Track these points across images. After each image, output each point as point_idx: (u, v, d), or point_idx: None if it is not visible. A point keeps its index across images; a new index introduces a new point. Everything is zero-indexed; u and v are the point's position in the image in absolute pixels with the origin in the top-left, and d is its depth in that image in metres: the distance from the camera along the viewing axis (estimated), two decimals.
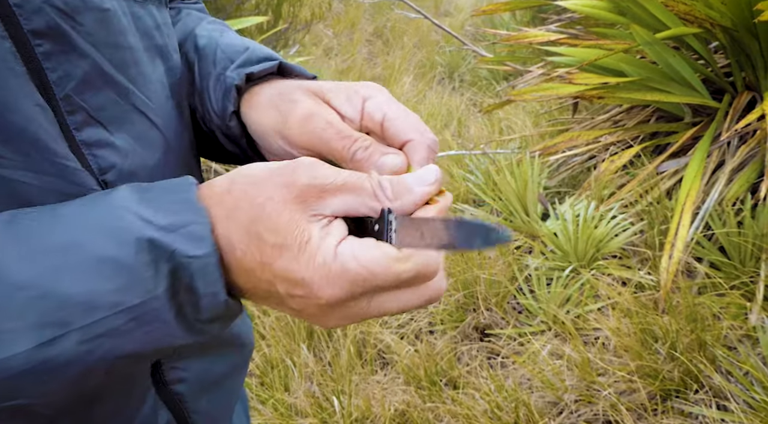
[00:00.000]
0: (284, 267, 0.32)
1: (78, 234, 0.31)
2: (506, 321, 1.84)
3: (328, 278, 0.31)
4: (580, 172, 2.36)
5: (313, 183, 0.32)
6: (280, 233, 0.31)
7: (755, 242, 1.67)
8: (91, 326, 0.30)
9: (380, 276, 0.31)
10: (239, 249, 0.32)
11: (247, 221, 0.32)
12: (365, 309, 0.33)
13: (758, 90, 1.94)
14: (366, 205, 0.33)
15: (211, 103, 0.45)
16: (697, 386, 1.45)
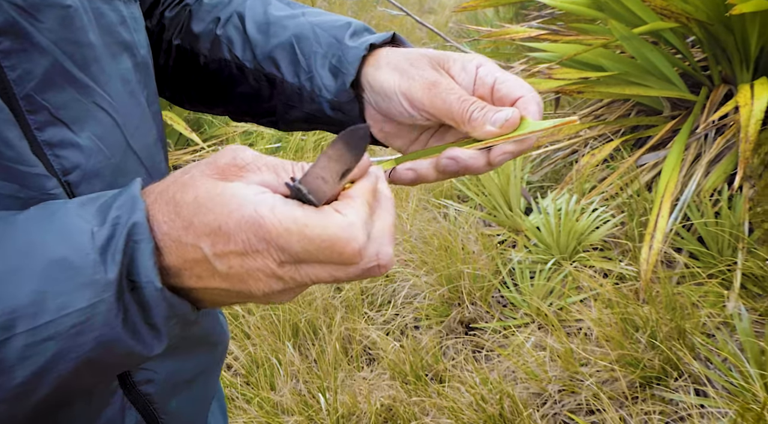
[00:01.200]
0: (202, 220, 0.31)
1: (33, 236, 0.31)
2: (491, 315, 1.86)
3: (244, 222, 0.31)
4: (563, 166, 2.39)
5: (233, 162, 0.33)
6: (197, 189, 0.32)
7: (732, 232, 1.70)
8: (37, 330, 0.30)
9: (294, 233, 0.31)
10: (164, 222, 0.32)
11: (170, 195, 0.33)
12: (286, 273, 0.32)
13: (734, 83, 1.98)
14: (280, 182, 0.33)
15: (321, 78, 0.49)
16: (677, 373, 1.48)
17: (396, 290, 1.99)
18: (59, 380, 0.32)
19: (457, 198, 2.40)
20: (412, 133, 0.50)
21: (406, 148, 0.51)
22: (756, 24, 1.78)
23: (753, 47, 1.85)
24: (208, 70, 0.55)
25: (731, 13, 1.55)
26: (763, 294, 1.59)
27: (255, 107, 0.56)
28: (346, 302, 1.96)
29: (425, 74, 0.45)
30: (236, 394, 1.60)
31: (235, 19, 0.54)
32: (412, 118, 0.47)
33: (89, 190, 0.39)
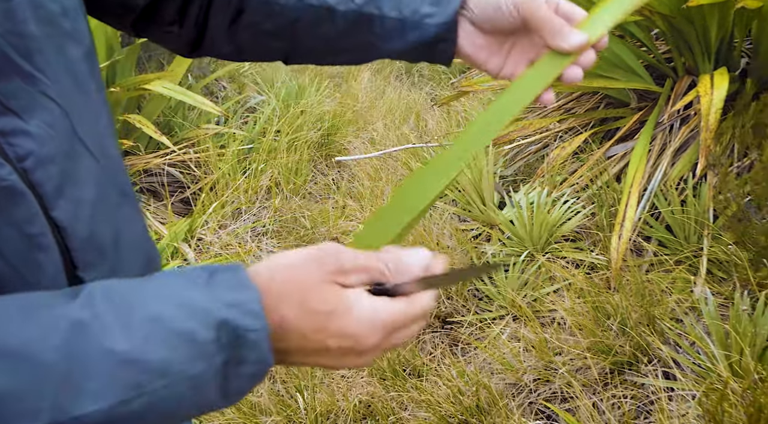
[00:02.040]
0: (337, 327, 0.41)
1: (162, 308, 0.37)
2: (467, 308, 1.87)
3: (370, 328, 0.41)
4: (535, 160, 2.42)
5: (338, 265, 0.42)
6: (329, 303, 0.41)
7: (697, 219, 1.74)
8: (158, 390, 0.35)
9: (400, 320, 0.42)
10: (293, 321, 0.40)
11: (299, 300, 0.40)
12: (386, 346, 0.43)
13: (697, 74, 2.02)
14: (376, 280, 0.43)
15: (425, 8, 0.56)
16: (647, 358, 1.51)
17: None
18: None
19: None
20: (497, 45, 0.58)
21: (489, 60, 0.58)
22: (715, 16, 1.82)
23: (713, 39, 1.90)
24: (283, 18, 0.58)
25: (689, 5, 1.59)
26: (727, 278, 1.63)
27: (334, 46, 0.60)
28: None
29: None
30: None
31: None
32: (512, 23, 0.55)
33: (45, 176, 0.40)
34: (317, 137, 3.04)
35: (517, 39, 0.58)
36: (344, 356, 0.42)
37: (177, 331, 0.36)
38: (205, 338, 0.36)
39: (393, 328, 0.42)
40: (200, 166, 2.59)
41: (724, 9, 1.79)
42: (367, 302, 0.41)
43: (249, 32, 0.59)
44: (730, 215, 1.57)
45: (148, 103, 2.59)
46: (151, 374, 0.35)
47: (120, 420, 0.34)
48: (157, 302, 0.37)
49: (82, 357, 0.34)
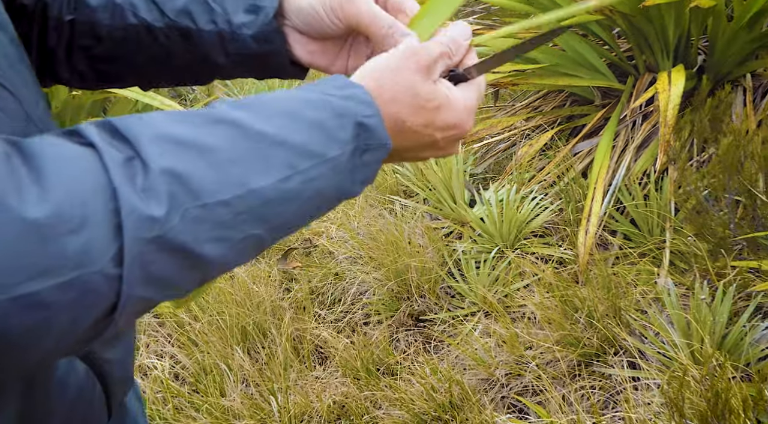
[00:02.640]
0: (443, 119, 0.47)
1: (294, 105, 0.41)
2: (439, 306, 1.89)
3: (467, 115, 0.49)
4: (504, 157, 2.45)
5: (430, 58, 0.47)
6: (435, 99, 0.47)
7: (660, 213, 1.79)
8: (308, 170, 0.40)
9: (480, 96, 0.51)
10: (408, 120, 0.46)
11: (410, 99, 0.45)
12: None
13: (657, 71, 2.08)
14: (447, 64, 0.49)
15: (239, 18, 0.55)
16: (614, 349, 1.55)
17: (346, 288, 2.00)
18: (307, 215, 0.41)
19: (403, 193, 2.43)
20: (334, 48, 0.58)
21: (332, 64, 0.58)
22: (671, 15, 1.88)
23: (671, 37, 1.95)
24: (112, 40, 0.56)
25: (645, 5, 1.63)
26: (688, 269, 1.68)
27: (168, 67, 0.58)
28: (296, 303, 1.96)
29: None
30: (184, 403, 1.58)
31: None
32: (336, 28, 0.55)
33: None
34: None
35: (354, 38, 0.57)
36: (451, 144, 0.49)
37: (308, 120, 0.40)
38: (333, 125, 0.41)
39: (476, 109, 0.50)
40: None
41: (680, 8, 1.85)
42: (458, 93, 0.48)
43: (83, 57, 0.58)
44: (690, 208, 1.61)
45: (113, 107, 2.54)
46: (299, 155, 0.39)
47: (285, 195, 0.39)
48: (282, 102, 0.41)
49: (243, 142, 0.38)
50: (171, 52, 0.57)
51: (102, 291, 0.32)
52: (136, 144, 0.35)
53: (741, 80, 1.95)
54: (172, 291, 0.36)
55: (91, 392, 0.50)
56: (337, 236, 2.16)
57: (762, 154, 1.46)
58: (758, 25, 1.88)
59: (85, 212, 0.32)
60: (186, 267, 0.35)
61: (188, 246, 0.35)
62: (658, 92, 1.64)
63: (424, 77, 0.46)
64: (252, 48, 0.56)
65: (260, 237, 0.39)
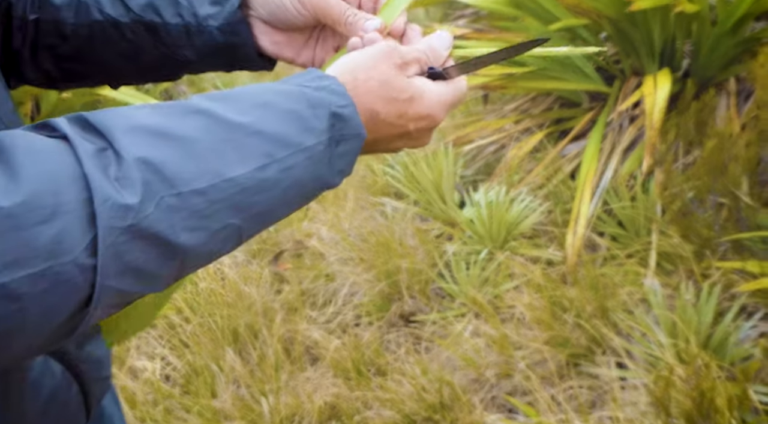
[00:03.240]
0: (415, 110, 0.48)
1: (268, 97, 0.41)
2: (429, 307, 1.90)
3: (440, 107, 0.49)
4: (494, 160, 2.47)
5: (404, 60, 0.49)
6: (407, 91, 0.47)
7: (646, 214, 1.82)
8: (285, 159, 0.40)
9: (456, 98, 0.51)
10: (382, 112, 0.46)
11: (383, 92, 0.46)
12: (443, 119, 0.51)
13: (643, 74, 2.11)
14: (422, 70, 0.51)
15: (205, 10, 0.55)
16: (602, 349, 1.57)
17: (336, 289, 2.00)
18: (286, 206, 0.42)
19: (393, 195, 2.44)
20: (300, 39, 0.58)
21: (298, 56, 0.58)
22: (657, 19, 1.91)
23: (657, 41, 1.98)
24: (78, 38, 0.56)
25: (631, 10, 1.66)
26: (674, 270, 1.71)
27: (136, 63, 0.58)
28: (287, 304, 1.96)
29: None
30: (175, 404, 1.58)
31: None
32: (302, 18, 0.55)
33: None
34: None
35: (321, 29, 0.58)
36: (422, 135, 0.50)
37: (284, 110, 0.41)
38: (308, 115, 0.41)
39: (451, 105, 0.51)
40: None
41: (665, 13, 1.88)
42: (433, 86, 0.49)
43: (48, 57, 0.58)
44: (676, 209, 1.64)
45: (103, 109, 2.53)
46: (276, 144, 0.39)
47: (262, 184, 0.39)
48: (257, 94, 0.41)
49: (218, 132, 0.38)
50: (138, 47, 0.56)
51: (76, 282, 0.32)
52: (108, 135, 0.35)
53: (725, 84, 1.99)
54: (150, 282, 0.36)
55: (66, 393, 0.49)
56: (328, 238, 2.16)
57: (745, 156, 1.49)
58: (741, 29, 1.92)
59: (57, 201, 0.31)
60: (162, 256, 0.35)
61: (164, 235, 0.34)
62: (644, 96, 1.67)
63: (397, 71, 0.47)
64: (218, 40, 0.56)
65: (238, 227, 0.38)
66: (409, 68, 0.49)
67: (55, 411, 0.48)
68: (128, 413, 1.57)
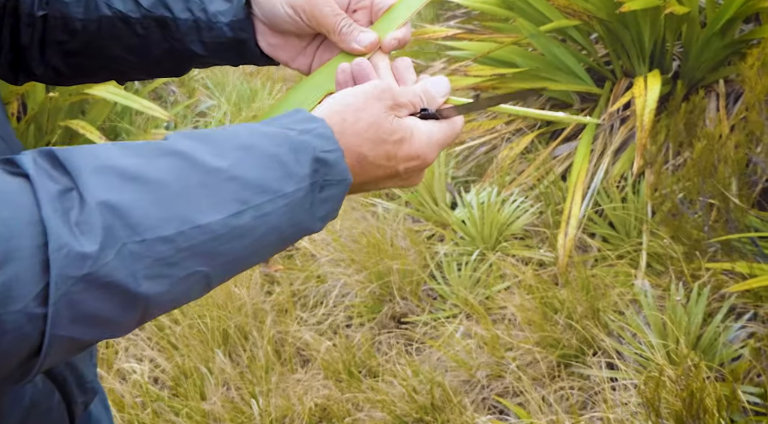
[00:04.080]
0: (405, 152, 0.47)
1: (250, 139, 0.40)
2: (421, 308, 1.90)
3: (430, 147, 0.49)
4: (485, 160, 2.47)
5: (396, 102, 0.48)
6: (396, 132, 0.47)
7: (637, 215, 1.82)
8: (261, 205, 0.38)
9: (448, 138, 0.50)
10: (369, 155, 0.45)
11: (372, 134, 0.45)
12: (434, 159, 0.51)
13: (634, 76, 2.12)
14: (415, 109, 0.50)
15: (215, 6, 0.55)
16: (593, 350, 1.57)
17: (328, 291, 1.99)
18: (261, 252, 0.40)
19: (385, 196, 2.44)
20: (298, 44, 0.57)
21: (293, 60, 0.58)
22: (647, 21, 1.92)
23: (647, 42, 1.99)
24: (87, 33, 0.56)
25: (621, 11, 1.67)
26: (665, 271, 1.71)
27: (144, 57, 0.58)
28: (278, 306, 1.95)
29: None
30: (164, 407, 1.56)
31: None
32: (295, 25, 0.54)
33: None
34: None
35: (324, 38, 0.56)
36: (412, 175, 0.49)
37: (265, 154, 0.40)
38: (290, 159, 0.40)
39: (443, 145, 0.50)
40: None
41: (655, 14, 1.89)
42: (423, 126, 0.49)
43: (57, 52, 0.58)
44: (666, 210, 1.65)
45: (92, 108, 2.51)
46: (253, 190, 0.38)
47: (235, 232, 0.37)
48: (239, 136, 0.40)
49: (192, 176, 0.37)
50: (148, 42, 0.56)
51: (25, 331, 0.30)
52: (76, 175, 0.33)
53: (714, 86, 2.00)
54: (108, 330, 0.34)
55: (48, 401, 0.48)
56: (319, 239, 2.15)
57: (734, 158, 1.50)
58: (730, 31, 1.93)
59: (9, 247, 0.30)
60: (121, 305, 0.34)
61: (123, 283, 0.33)
62: (635, 97, 1.67)
63: (388, 112, 0.46)
64: (228, 36, 0.56)
65: (206, 274, 0.37)
66: (402, 110, 0.48)
67: (36, 418, 0.47)
68: (116, 415, 1.55)
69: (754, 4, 1.81)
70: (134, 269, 0.33)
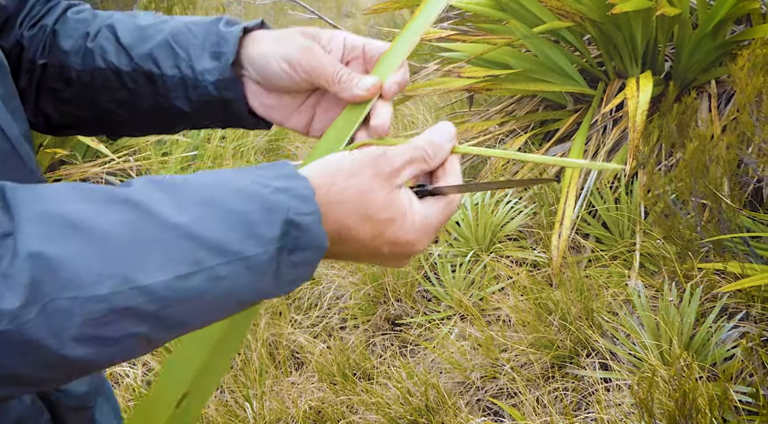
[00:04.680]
0: (394, 234, 0.43)
1: (217, 192, 0.37)
2: (415, 310, 1.90)
3: (423, 234, 0.44)
4: (479, 162, 2.48)
5: (393, 167, 0.43)
6: (388, 210, 0.42)
7: (630, 216, 1.83)
8: (216, 268, 0.35)
9: (443, 221, 0.45)
10: (354, 228, 0.41)
11: (360, 206, 0.41)
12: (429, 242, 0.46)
13: (626, 77, 2.12)
14: (421, 169, 0.45)
15: (202, 64, 0.54)
16: (587, 351, 1.57)
17: (322, 293, 1.99)
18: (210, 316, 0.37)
19: None
20: (292, 103, 0.55)
21: (288, 119, 0.56)
22: (639, 22, 1.92)
23: (639, 43, 2.00)
24: (80, 83, 0.56)
25: (613, 12, 1.67)
26: (658, 271, 1.72)
27: (133, 111, 0.57)
28: (272, 308, 1.94)
29: (302, 42, 0.52)
30: None
31: (105, 31, 0.56)
32: (291, 80, 0.52)
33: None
34: (264, 143, 3.01)
35: (322, 96, 0.55)
36: (397, 259, 0.45)
37: (231, 212, 0.37)
38: (259, 220, 0.37)
39: (438, 228, 0.46)
40: (141, 174, 2.52)
41: (647, 16, 1.89)
42: (418, 209, 0.44)
43: (50, 100, 0.57)
44: (659, 211, 1.65)
45: None
46: (210, 250, 0.35)
47: (181, 295, 0.34)
48: (208, 188, 0.37)
49: (143, 230, 0.34)
50: (137, 96, 0.56)
51: None
52: (17, 220, 0.32)
53: (706, 87, 2.01)
54: (27, 388, 0.33)
55: (36, 420, 0.47)
56: None
57: (726, 158, 1.51)
58: (721, 33, 1.94)
59: None
60: (42, 365, 0.32)
61: (45, 343, 0.31)
62: (627, 98, 1.68)
63: (383, 183, 0.42)
64: (213, 94, 0.54)
65: (146, 336, 0.34)
66: (401, 174, 0.43)
67: None
68: None
69: (745, 6, 1.82)
70: (60, 328, 0.31)
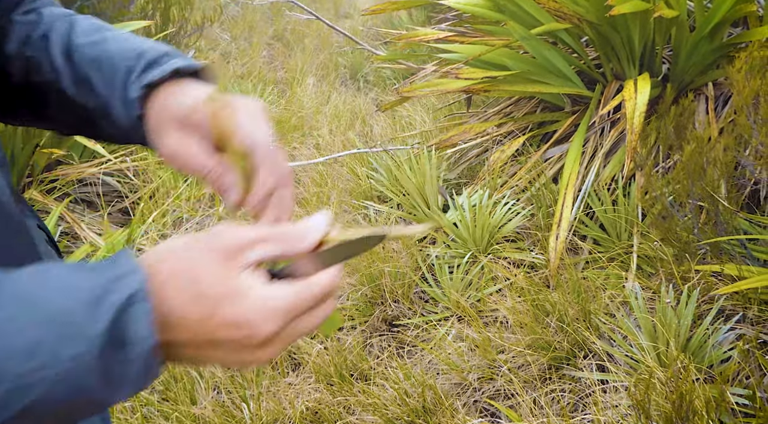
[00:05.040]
0: (226, 313, 0.37)
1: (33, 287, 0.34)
2: (413, 311, 1.90)
3: (265, 316, 0.37)
4: (477, 163, 2.48)
5: (235, 243, 0.38)
6: (219, 286, 0.37)
7: (627, 218, 1.83)
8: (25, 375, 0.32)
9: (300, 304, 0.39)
10: (178, 309, 0.36)
11: (187, 283, 0.36)
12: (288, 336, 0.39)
13: (624, 79, 2.13)
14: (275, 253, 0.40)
15: (118, 111, 0.52)
16: (584, 353, 1.57)
17: None
18: None
19: (377, 199, 2.44)
20: None
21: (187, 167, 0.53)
22: (637, 24, 1.93)
23: (637, 45, 2.00)
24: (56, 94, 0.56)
25: (611, 14, 1.67)
26: (655, 273, 1.72)
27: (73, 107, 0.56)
28: None
29: (169, 142, 0.49)
30: (153, 411, 1.55)
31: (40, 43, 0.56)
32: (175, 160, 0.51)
33: None
34: None
35: None
36: (240, 350, 0.38)
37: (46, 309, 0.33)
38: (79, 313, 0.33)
39: (293, 314, 0.38)
40: (139, 174, 2.51)
41: (645, 18, 1.90)
42: (261, 288, 0.38)
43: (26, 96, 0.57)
44: (656, 213, 1.65)
45: None
46: (16, 357, 0.31)
47: None
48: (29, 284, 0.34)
49: None
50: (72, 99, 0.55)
51: None
52: None
53: (703, 89, 2.02)
54: None
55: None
56: None
57: (723, 160, 1.51)
58: (719, 35, 1.95)
59: None
60: None
61: None
62: (625, 100, 1.68)
63: (218, 258, 0.37)
64: (128, 128, 0.53)
65: None
66: (245, 253, 0.38)
67: None
68: None
69: (742, 8, 1.83)
70: None
